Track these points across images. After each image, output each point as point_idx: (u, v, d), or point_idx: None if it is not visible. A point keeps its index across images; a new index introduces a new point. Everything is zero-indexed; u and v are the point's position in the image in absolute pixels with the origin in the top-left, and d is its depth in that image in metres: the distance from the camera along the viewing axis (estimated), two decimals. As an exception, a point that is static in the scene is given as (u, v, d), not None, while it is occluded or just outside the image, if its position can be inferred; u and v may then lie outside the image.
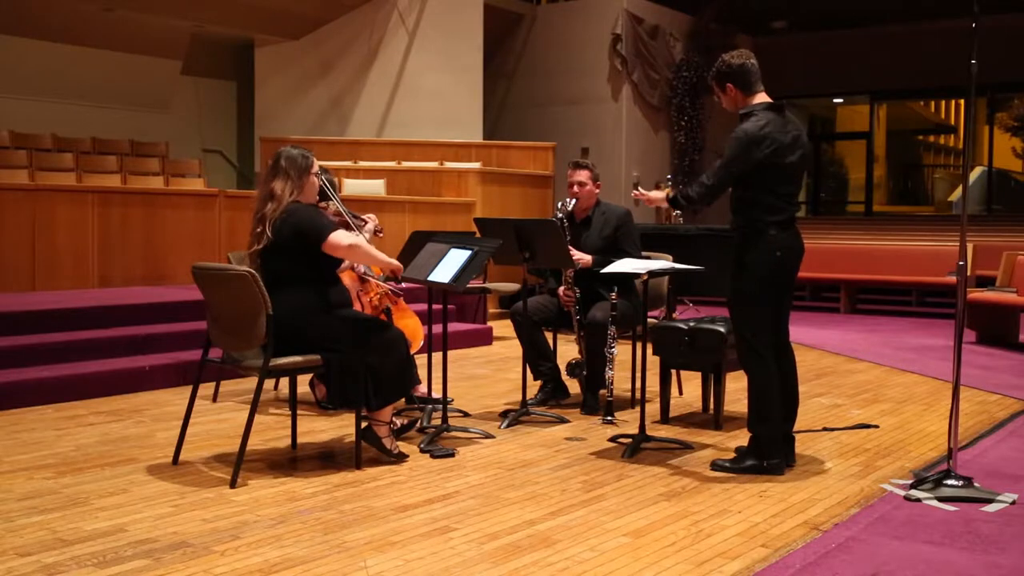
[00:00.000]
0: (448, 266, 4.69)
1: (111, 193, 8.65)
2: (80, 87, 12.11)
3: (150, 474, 4.24)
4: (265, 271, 4.25)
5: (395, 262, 4.53)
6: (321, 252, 4.28)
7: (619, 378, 6.03)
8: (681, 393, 6.18)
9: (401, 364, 4.39)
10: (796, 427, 4.55)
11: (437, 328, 5.84)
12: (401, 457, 4.45)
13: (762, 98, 4.32)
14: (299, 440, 4.81)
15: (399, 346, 4.39)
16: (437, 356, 5.42)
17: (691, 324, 5.32)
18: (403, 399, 5.40)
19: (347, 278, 5.51)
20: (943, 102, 20.81)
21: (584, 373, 5.70)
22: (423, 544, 3.37)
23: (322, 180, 4.73)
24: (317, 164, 4.49)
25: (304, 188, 4.37)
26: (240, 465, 4.09)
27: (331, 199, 5.24)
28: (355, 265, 5.56)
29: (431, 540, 3.41)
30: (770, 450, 4.31)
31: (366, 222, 5.48)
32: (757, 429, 4.36)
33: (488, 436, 5.01)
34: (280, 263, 4.27)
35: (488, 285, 8.05)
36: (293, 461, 4.54)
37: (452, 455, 4.60)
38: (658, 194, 4.67)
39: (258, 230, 4.30)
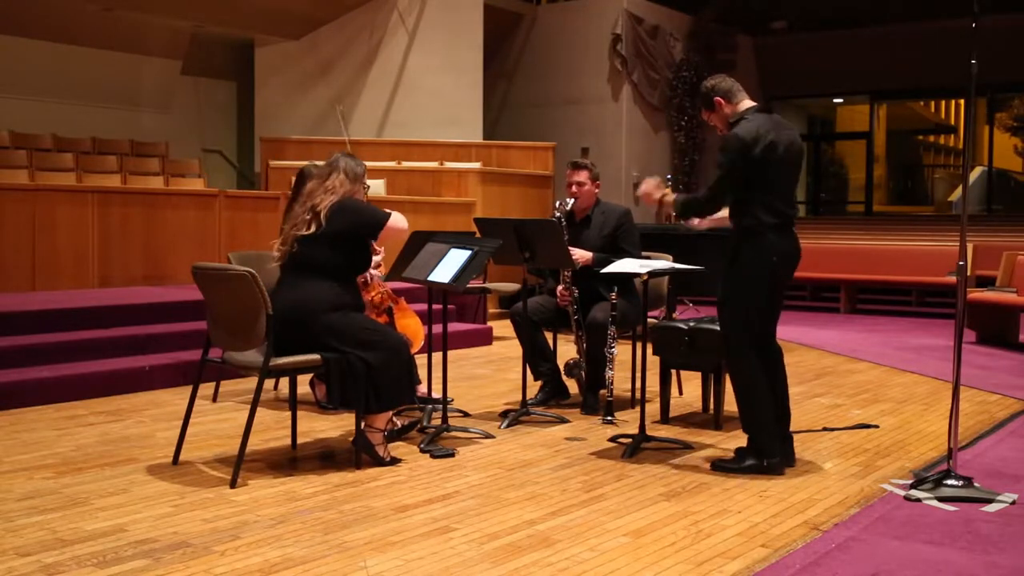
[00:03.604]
0: (448, 266, 4.69)
1: (111, 193, 8.65)
2: (80, 87, 12.10)
3: (150, 474, 4.25)
4: (298, 256, 4.33)
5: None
6: (359, 249, 4.45)
7: (619, 378, 6.03)
8: (681, 393, 6.18)
9: (402, 371, 4.38)
10: (796, 427, 4.55)
11: (437, 328, 5.84)
12: (394, 462, 4.44)
13: (748, 104, 4.39)
14: (299, 440, 4.81)
15: (401, 352, 4.39)
16: (437, 356, 5.42)
17: (691, 324, 5.32)
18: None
19: None
20: (943, 102, 20.81)
21: (582, 373, 5.70)
22: (423, 544, 3.37)
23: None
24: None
25: (354, 195, 4.52)
26: (240, 465, 4.09)
27: None
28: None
29: (431, 540, 3.41)
30: (768, 449, 4.32)
31: (377, 252, 5.46)
32: (751, 430, 4.37)
33: (488, 436, 5.01)
34: (321, 251, 4.34)
35: (488, 285, 8.04)
36: (293, 461, 4.54)
37: (452, 455, 4.60)
38: (660, 192, 4.65)
39: (307, 216, 4.38)
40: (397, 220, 4.49)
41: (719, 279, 4.42)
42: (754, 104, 4.41)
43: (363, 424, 4.38)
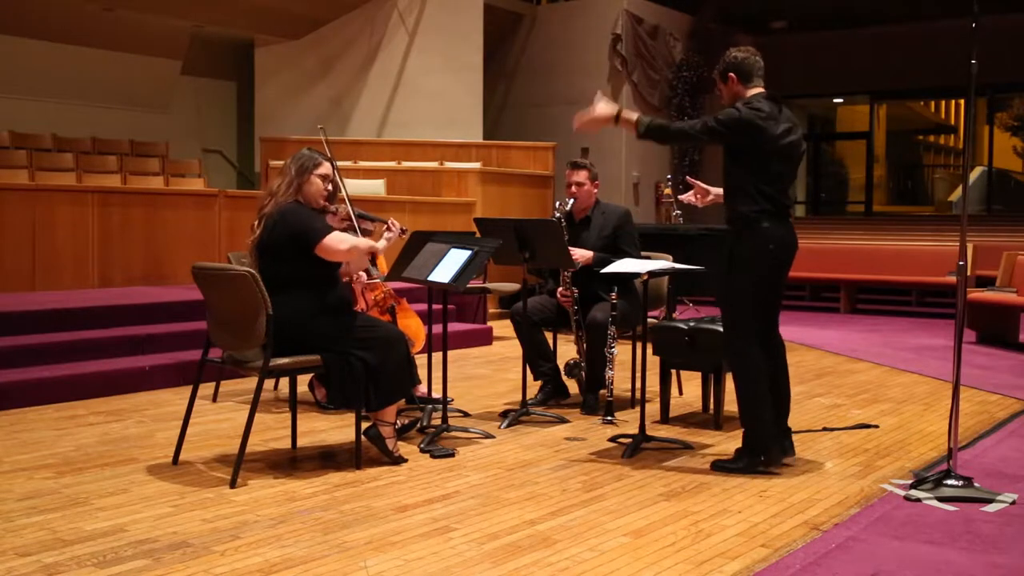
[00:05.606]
0: (448, 266, 4.69)
1: (111, 193, 8.65)
2: (80, 87, 12.11)
3: (150, 474, 4.25)
4: (262, 273, 4.22)
5: (376, 245, 4.58)
6: (317, 255, 4.27)
7: (619, 378, 6.03)
8: (681, 393, 6.18)
9: (400, 364, 4.38)
10: (796, 427, 4.54)
11: (437, 328, 5.84)
12: (400, 460, 4.44)
13: (759, 91, 4.38)
14: (299, 440, 4.81)
15: (398, 345, 4.38)
16: (437, 356, 5.41)
17: (691, 324, 5.32)
18: (403, 399, 5.39)
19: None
20: (943, 102, 20.81)
21: (582, 373, 5.70)
22: (423, 544, 3.37)
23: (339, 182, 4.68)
24: (327, 167, 4.41)
25: (303, 188, 4.33)
26: (240, 465, 4.09)
27: (343, 202, 5.08)
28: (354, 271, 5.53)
29: (431, 540, 3.41)
30: (766, 443, 4.32)
31: (391, 228, 5.22)
32: (749, 424, 4.37)
33: (488, 436, 5.01)
34: (276, 266, 4.24)
35: (488, 285, 8.04)
36: (293, 461, 4.54)
37: (452, 455, 4.60)
38: (608, 110, 4.32)
39: (255, 224, 4.31)
40: (332, 241, 4.20)
41: (720, 275, 4.42)
42: (763, 91, 4.38)
43: (373, 417, 4.39)
